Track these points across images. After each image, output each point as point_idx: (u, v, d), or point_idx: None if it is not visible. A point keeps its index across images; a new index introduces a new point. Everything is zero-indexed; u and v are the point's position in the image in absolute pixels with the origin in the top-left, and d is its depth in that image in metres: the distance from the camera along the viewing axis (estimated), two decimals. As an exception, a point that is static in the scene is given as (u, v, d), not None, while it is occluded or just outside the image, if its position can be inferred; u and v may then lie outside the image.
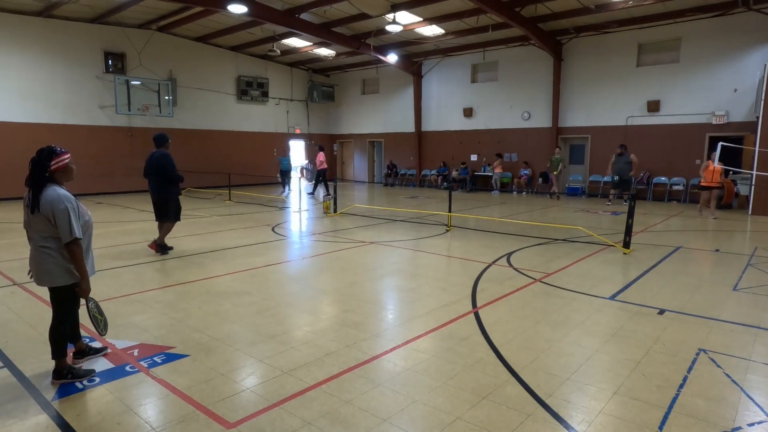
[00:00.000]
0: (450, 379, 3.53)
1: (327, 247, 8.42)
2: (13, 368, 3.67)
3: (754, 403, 3.21)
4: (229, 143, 21.26)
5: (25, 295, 5.50)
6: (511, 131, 19.50)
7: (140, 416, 3.04)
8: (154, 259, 7.39)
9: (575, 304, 5.28)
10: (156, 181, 7.55)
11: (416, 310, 5.10)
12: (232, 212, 12.80)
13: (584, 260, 7.38)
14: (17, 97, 15.76)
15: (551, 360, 3.86)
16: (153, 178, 7.56)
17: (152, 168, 7.54)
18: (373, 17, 16.01)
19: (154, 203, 7.73)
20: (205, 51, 20.25)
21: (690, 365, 3.75)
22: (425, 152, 22.39)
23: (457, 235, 9.60)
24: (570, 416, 3.05)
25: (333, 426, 2.93)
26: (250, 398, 3.26)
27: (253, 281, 6.15)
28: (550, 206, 14.65)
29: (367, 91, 24.53)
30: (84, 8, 15.60)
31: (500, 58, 19.34)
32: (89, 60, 17.14)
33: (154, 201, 7.71)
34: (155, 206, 7.72)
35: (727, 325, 4.65)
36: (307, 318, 4.88)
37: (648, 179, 16.30)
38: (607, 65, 16.88)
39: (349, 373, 3.61)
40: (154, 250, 7.64)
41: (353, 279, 6.34)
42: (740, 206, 13.90)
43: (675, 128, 15.73)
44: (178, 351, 4.00)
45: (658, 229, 10.46)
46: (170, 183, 7.59)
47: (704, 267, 7.01)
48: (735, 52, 14.55)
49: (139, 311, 5.00)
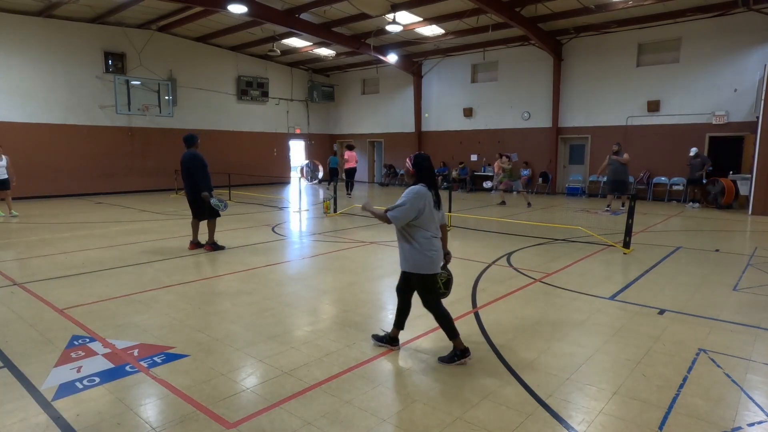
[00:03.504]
0: (450, 379, 3.53)
1: (327, 247, 8.42)
2: (13, 368, 3.67)
3: (754, 403, 3.21)
4: (229, 143, 21.25)
5: (25, 295, 5.50)
6: (511, 131, 19.50)
7: (140, 416, 3.04)
8: (154, 259, 7.39)
9: (575, 304, 5.28)
10: (189, 181, 7.80)
11: (416, 310, 5.08)
12: (232, 212, 12.79)
13: (584, 260, 7.38)
14: (17, 97, 15.75)
15: (551, 360, 3.86)
16: (186, 179, 7.83)
17: (183, 169, 7.82)
18: (373, 17, 16.00)
19: (189, 202, 7.98)
20: (205, 51, 20.25)
21: (690, 365, 3.75)
22: (425, 152, 22.30)
23: (457, 235, 9.59)
24: (570, 416, 3.05)
25: (333, 426, 2.93)
26: (250, 398, 3.26)
27: (253, 281, 6.15)
28: (550, 206, 14.64)
29: (367, 91, 24.53)
30: (84, 8, 15.59)
31: (500, 58, 19.34)
32: (89, 60, 17.13)
33: (188, 200, 7.96)
34: (190, 205, 7.98)
35: (727, 325, 4.65)
36: (307, 318, 4.88)
37: (648, 179, 16.31)
38: (607, 65, 16.88)
39: (349, 373, 3.61)
40: (207, 250, 7.90)
41: (353, 279, 6.34)
42: (740, 206, 13.90)
43: (675, 128, 15.73)
44: (178, 351, 4.00)
45: (658, 229, 10.46)
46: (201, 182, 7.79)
47: (704, 267, 7.01)
48: (735, 52, 14.55)
49: (139, 311, 5.00)
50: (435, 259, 3.75)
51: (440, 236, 3.88)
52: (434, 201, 3.77)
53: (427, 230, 3.72)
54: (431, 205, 3.74)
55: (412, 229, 3.72)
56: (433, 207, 3.76)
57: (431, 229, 3.75)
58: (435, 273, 3.77)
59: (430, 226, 3.74)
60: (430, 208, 3.72)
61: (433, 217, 3.76)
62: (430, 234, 3.74)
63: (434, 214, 3.78)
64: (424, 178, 3.77)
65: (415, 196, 3.65)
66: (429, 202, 3.71)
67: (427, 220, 3.71)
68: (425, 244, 3.71)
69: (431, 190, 3.75)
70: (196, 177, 7.70)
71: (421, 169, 3.79)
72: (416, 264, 3.73)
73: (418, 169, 3.79)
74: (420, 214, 3.66)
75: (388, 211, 3.68)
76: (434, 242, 3.76)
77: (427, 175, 3.79)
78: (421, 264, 3.72)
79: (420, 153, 3.90)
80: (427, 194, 3.71)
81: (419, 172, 3.78)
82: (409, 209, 3.63)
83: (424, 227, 3.71)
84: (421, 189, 3.70)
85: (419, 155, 3.85)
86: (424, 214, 3.67)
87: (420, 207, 3.65)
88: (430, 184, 3.76)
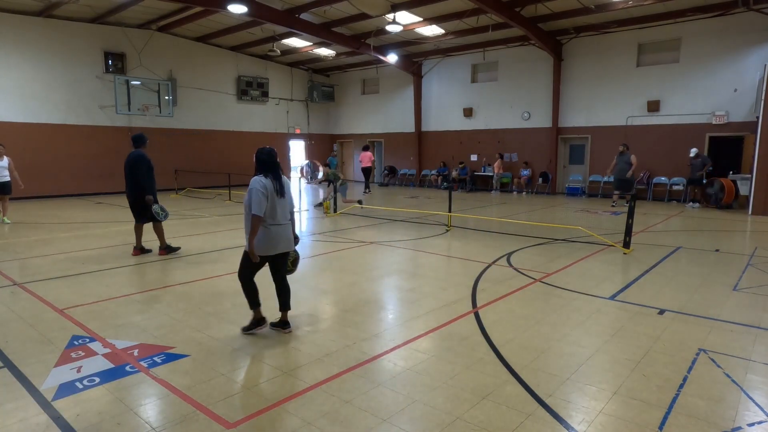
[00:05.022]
0: (450, 379, 3.53)
1: (327, 247, 8.42)
2: (13, 368, 3.67)
3: (754, 403, 3.21)
4: (229, 143, 21.26)
5: (25, 295, 5.50)
6: (511, 131, 19.50)
7: (140, 416, 3.04)
8: (154, 259, 7.39)
9: (575, 304, 5.28)
10: (130, 183, 7.33)
11: (416, 310, 5.10)
12: (232, 212, 12.78)
13: (584, 260, 7.38)
14: (17, 97, 15.75)
15: (551, 360, 3.86)
16: (128, 180, 7.34)
17: (126, 170, 7.31)
18: (373, 17, 16.00)
19: (129, 205, 7.50)
20: (205, 51, 20.25)
21: (690, 365, 3.75)
22: (425, 152, 22.39)
23: (457, 235, 9.59)
24: (570, 416, 3.05)
25: (333, 426, 2.93)
26: (250, 398, 3.26)
27: (253, 281, 6.14)
28: (550, 206, 14.64)
29: (367, 91, 24.53)
30: (84, 8, 15.59)
31: (500, 58, 19.34)
32: (89, 60, 17.13)
33: (129, 203, 7.48)
34: (131, 208, 7.50)
35: (727, 325, 4.65)
36: (307, 318, 4.88)
37: (648, 179, 16.30)
38: (607, 65, 16.87)
39: (349, 373, 3.61)
40: (161, 255, 7.55)
41: (353, 279, 6.34)
42: (740, 206, 13.91)
43: (675, 128, 15.73)
44: (178, 351, 4.00)
45: (658, 229, 10.46)
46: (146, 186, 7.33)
47: (704, 267, 7.01)
48: (735, 52, 14.55)
49: (139, 311, 5.00)
50: (275, 241, 4.20)
51: (284, 224, 4.29)
52: (276, 189, 4.17)
53: (267, 218, 4.13)
54: (273, 193, 4.15)
55: (248, 215, 4.11)
56: (275, 195, 4.16)
57: (274, 217, 4.18)
58: (271, 253, 4.23)
59: (272, 213, 4.16)
60: (272, 197, 4.15)
61: (274, 205, 4.17)
62: (269, 222, 4.15)
63: (276, 202, 4.18)
64: (263, 170, 4.20)
65: (253, 188, 4.09)
66: (270, 190, 4.13)
67: (269, 208, 4.13)
68: (267, 230, 4.16)
69: (275, 181, 4.17)
70: (141, 180, 7.24)
71: (258, 161, 4.23)
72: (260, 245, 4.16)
73: (257, 161, 4.24)
74: (267, 200, 4.10)
75: (251, 214, 4.05)
76: (272, 229, 4.18)
77: (265, 167, 4.21)
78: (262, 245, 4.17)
79: (262, 147, 4.30)
80: (266, 182, 4.12)
81: (257, 165, 4.23)
82: (256, 201, 4.04)
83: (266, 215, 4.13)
84: (256, 179, 4.14)
85: (260, 149, 4.27)
86: (268, 201, 4.12)
87: (264, 193, 4.07)
88: (273, 176, 4.18)
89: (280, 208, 4.22)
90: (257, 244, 4.13)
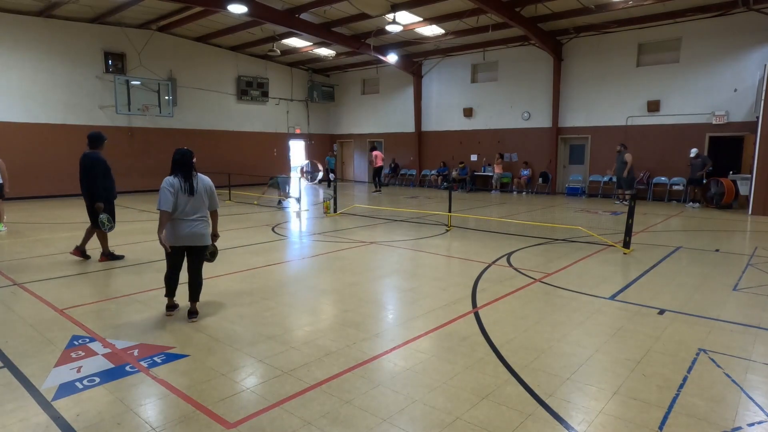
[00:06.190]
0: (450, 379, 3.53)
1: (327, 247, 8.42)
2: (13, 368, 3.66)
3: (754, 403, 3.21)
4: (229, 143, 21.25)
5: (25, 295, 5.50)
6: (511, 131, 19.50)
7: (140, 416, 3.04)
8: (153, 259, 7.39)
9: (575, 304, 5.28)
10: (85, 184, 6.94)
11: (416, 310, 5.10)
12: (232, 212, 12.79)
13: (584, 260, 7.38)
14: (17, 97, 15.75)
15: (551, 360, 3.86)
16: (83, 182, 6.94)
17: (81, 171, 6.89)
18: (373, 17, 16.00)
19: (86, 208, 7.14)
20: (205, 51, 20.24)
21: (690, 365, 3.75)
22: (425, 152, 22.39)
23: (457, 235, 9.59)
24: (570, 416, 3.05)
25: (333, 426, 2.93)
26: (250, 398, 3.26)
27: (253, 281, 6.15)
28: (550, 206, 14.64)
29: (367, 91, 24.53)
30: (84, 8, 15.59)
31: (500, 58, 19.34)
32: (89, 60, 17.13)
33: (86, 206, 7.12)
34: (87, 211, 7.14)
35: (727, 325, 4.65)
36: (307, 318, 4.88)
37: (648, 179, 16.30)
38: (607, 65, 16.87)
39: (349, 373, 3.61)
40: (102, 261, 7.17)
41: (353, 279, 6.34)
42: (740, 206, 13.91)
43: (675, 128, 15.73)
44: (178, 351, 4.00)
45: (658, 229, 10.46)
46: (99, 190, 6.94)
47: (704, 267, 7.01)
48: (735, 52, 14.55)
49: (139, 311, 5.00)
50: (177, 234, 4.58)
51: (191, 219, 4.61)
52: (184, 188, 4.54)
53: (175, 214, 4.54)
54: (180, 191, 4.52)
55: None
56: (183, 193, 4.53)
57: (181, 212, 4.54)
58: (176, 245, 4.61)
59: (179, 209, 4.53)
60: (180, 195, 4.53)
61: (181, 201, 4.54)
62: (175, 216, 4.55)
63: (184, 199, 4.54)
64: (174, 169, 4.58)
65: (162, 186, 4.51)
66: (177, 188, 4.51)
67: (175, 204, 4.51)
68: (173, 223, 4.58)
69: (184, 180, 4.54)
70: (93, 183, 6.83)
71: (172, 161, 4.61)
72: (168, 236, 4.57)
73: (172, 161, 4.61)
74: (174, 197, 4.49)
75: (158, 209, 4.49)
76: (177, 223, 4.56)
77: (176, 167, 4.58)
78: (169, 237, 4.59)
79: (179, 148, 4.66)
80: (173, 181, 4.51)
81: (171, 164, 4.61)
82: (162, 197, 4.46)
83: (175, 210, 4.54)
84: (166, 178, 4.54)
85: (176, 150, 4.64)
86: (177, 199, 4.51)
87: (171, 191, 4.47)
88: (183, 176, 4.55)
89: (189, 205, 4.57)
90: (166, 234, 4.56)
